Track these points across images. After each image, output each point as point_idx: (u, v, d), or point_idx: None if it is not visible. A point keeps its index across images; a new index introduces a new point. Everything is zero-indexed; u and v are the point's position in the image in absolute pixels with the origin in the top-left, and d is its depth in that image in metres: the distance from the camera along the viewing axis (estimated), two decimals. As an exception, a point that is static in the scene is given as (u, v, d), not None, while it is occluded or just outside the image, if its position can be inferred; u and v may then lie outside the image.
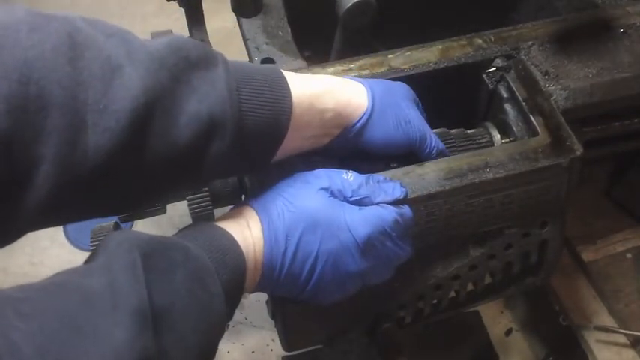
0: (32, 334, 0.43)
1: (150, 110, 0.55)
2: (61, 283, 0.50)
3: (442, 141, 0.81)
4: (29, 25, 0.52)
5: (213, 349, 0.59)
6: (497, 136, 0.87)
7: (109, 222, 0.91)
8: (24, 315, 0.44)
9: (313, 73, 0.84)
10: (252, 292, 0.70)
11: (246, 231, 0.66)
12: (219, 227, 0.65)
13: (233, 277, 0.62)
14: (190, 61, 0.60)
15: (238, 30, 1.03)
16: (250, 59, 0.98)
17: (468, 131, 0.88)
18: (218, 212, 0.85)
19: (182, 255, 0.57)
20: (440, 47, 0.91)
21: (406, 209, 0.72)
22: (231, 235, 0.64)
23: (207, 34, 1.05)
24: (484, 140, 0.86)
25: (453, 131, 0.88)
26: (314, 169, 0.73)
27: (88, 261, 0.56)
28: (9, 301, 0.45)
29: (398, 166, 0.78)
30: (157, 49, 0.58)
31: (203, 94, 0.60)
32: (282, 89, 0.66)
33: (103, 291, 0.49)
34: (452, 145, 0.84)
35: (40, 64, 0.50)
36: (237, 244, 0.64)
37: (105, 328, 0.46)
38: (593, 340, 1.24)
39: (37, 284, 0.49)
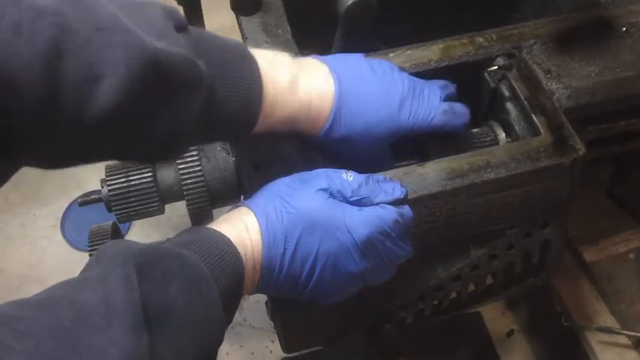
0: (27, 355, 0.43)
1: (119, 121, 0.56)
2: (57, 298, 0.49)
3: (446, 139, 0.80)
4: (14, 26, 0.49)
5: (211, 358, 0.59)
6: (502, 134, 0.86)
7: (107, 222, 0.90)
8: (19, 333, 0.44)
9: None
10: (252, 294, 0.69)
11: (244, 233, 0.65)
12: (217, 231, 0.64)
13: (231, 283, 0.61)
14: (173, 83, 0.59)
15: (237, 28, 1.02)
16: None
17: (473, 130, 0.88)
18: (217, 212, 0.85)
19: (177, 264, 0.56)
20: (441, 46, 0.90)
21: (406, 209, 0.71)
22: (229, 239, 0.64)
23: (206, 32, 1.04)
24: (489, 139, 0.86)
25: (457, 130, 0.87)
26: (313, 169, 0.72)
27: (83, 271, 0.55)
28: (5, 320, 0.44)
29: (399, 166, 0.78)
30: (142, 61, 0.56)
31: (176, 114, 0.61)
32: (253, 109, 0.69)
33: (98, 306, 0.48)
34: (457, 143, 0.83)
35: (17, 74, 0.49)
36: (235, 248, 0.63)
37: (100, 346, 0.46)
38: (595, 341, 1.24)
39: (33, 300, 0.49)
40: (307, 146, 0.79)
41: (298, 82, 0.72)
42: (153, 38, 0.58)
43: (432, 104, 0.77)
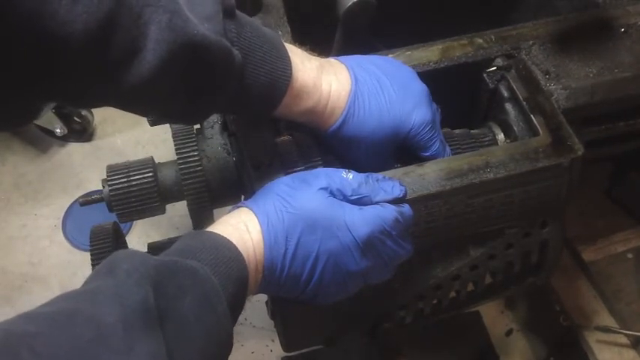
0: None
1: (151, 92, 0.62)
2: (72, 313, 0.48)
3: (446, 140, 0.81)
4: None
5: None
6: (500, 135, 0.86)
7: (108, 222, 0.91)
8: (38, 355, 0.43)
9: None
10: (254, 294, 0.69)
11: (246, 235, 0.66)
12: (221, 237, 0.64)
13: (237, 289, 0.62)
14: (207, 69, 0.63)
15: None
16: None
17: (472, 131, 0.88)
18: (218, 212, 0.85)
19: (190, 279, 0.56)
20: (440, 47, 0.91)
21: (406, 208, 0.72)
22: (234, 245, 0.64)
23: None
24: (487, 139, 0.86)
25: (456, 131, 0.88)
26: (313, 168, 0.72)
27: (92, 279, 0.55)
28: (23, 340, 0.43)
29: (400, 166, 0.78)
30: (182, 45, 0.59)
31: (204, 94, 0.66)
32: (276, 101, 0.72)
33: (116, 326, 0.47)
34: (456, 144, 0.84)
35: (69, 39, 0.53)
36: (240, 253, 0.63)
37: None
38: (593, 340, 1.24)
39: (47, 312, 0.48)
40: (308, 146, 0.80)
41: (322, 77, 0.74)
42: (199, 20, 0.61)
43: (438, 127, 0.80)
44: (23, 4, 0.50)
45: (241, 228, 0.66)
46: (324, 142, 0.79)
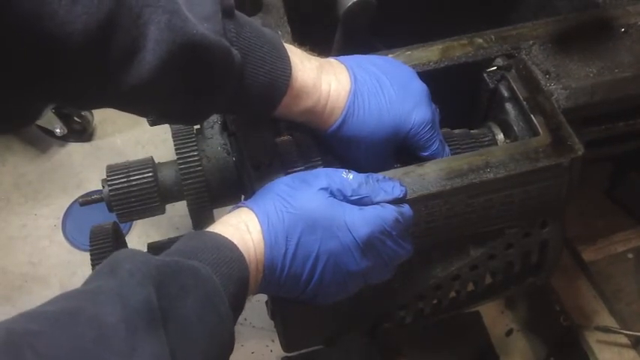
0: None
1: (151, 92, 0.62)
2: (74, 312, 0.48)
3: (445, 140, 0.81)
4: None
5: None
6: (500, 135, 0.86)
7: (108, 222, 0.91)
8: (40, 355, 0.43)
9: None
10: (254, 294, 0.69)
11: (247, 235, 0.66)
12: (222, 237, 0.64)
13: (238, 289, 0.62)
14: (206, 69, 0.63)
15: (238, 29, 1.03)
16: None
17: (472, 131, 0.88)
18: (218, 212, 0.85)
19: (192, 279, 0.56)
20: (440, 46, 0.91)
21: (406, 208, 0.72)
22: (235, 245, 0.64)
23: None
24: (487, 139, 0.86)
25: (456, 131, 0.88)
26: (313, 168, 0.72)
27: (93, 279, 0.54)
28: (25, 339, 0.43)
29: (400, 166, 0.78)
30: (181, 45, 0.59)
31: (203, 93, 0.65)
32: (276, 101, 0.71)
33: (117, 327, 0.47)
34: (456, 144, 0.84)
35: (68, 40, 0.53)
36: (242, 254, 0.63)
37: None
38: (594, 340, 1.24)
39: (49, 311, 0.47)
40: (308, 146, 0.80)
41: (322, 77, 0.74)
42: (198, 20, 0.61)
43: (437, 127, 0.80)
44: (22, 5, 0.50)
45: (242, 228, 0.66)
46: (324, 142, 0.79)
